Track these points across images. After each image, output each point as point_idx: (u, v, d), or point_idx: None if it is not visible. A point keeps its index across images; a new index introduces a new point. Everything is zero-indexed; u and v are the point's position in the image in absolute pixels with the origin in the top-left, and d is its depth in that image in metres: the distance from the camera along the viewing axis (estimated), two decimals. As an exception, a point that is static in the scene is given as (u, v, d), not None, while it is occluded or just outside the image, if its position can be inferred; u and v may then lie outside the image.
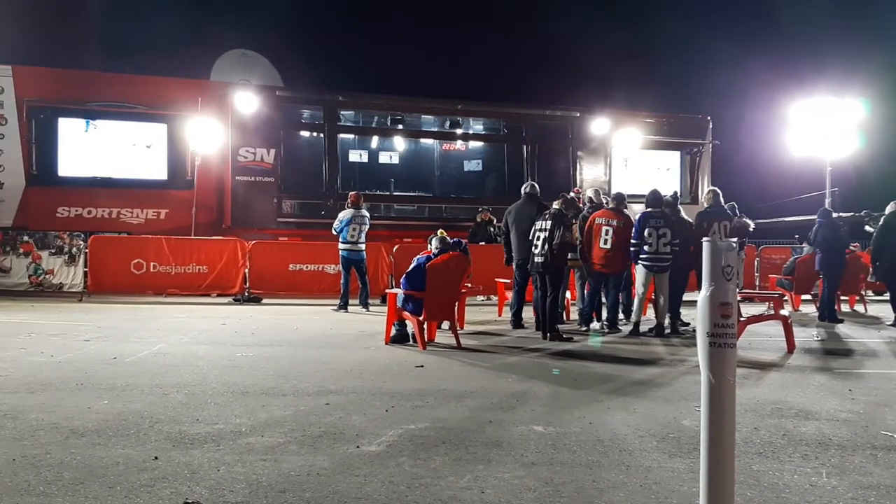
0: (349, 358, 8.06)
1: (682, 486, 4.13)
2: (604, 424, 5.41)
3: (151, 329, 9.97)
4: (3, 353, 7.82)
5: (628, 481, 4.21)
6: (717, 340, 3.07)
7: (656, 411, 5.87)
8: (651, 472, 4.36)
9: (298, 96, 18.53)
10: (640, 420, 5.56)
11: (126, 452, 4.46)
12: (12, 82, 15.79)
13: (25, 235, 14.04)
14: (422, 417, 5.46)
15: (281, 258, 14.53)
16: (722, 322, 3.06)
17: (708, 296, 3.07)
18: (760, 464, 4.56)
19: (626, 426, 5.37)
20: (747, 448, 4.84)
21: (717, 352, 3.07)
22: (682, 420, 5.56)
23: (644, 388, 6.86)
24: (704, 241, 3.10)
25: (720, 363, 3.07)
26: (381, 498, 3.83)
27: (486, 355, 8.48)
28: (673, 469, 4.43)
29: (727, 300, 3.07)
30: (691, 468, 4.37)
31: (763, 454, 4.76)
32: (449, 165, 20.21)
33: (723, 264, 3.07)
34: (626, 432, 5.21)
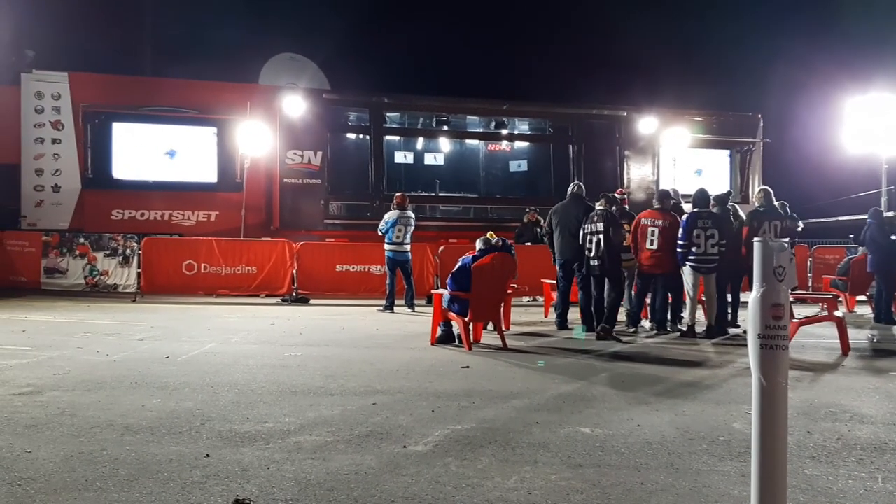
0: (395, 358, 8.11)
1: (732, 490, 4.06)
2: (652, 426, 5.35)
3: (202, 329, 10.16)
4: (60, 351, 8.05)
5: (677, 484, 4.16)
6: (768, 342, 3.01)
7: (706, 414, 5.78)
8: (701, 476, 4.30)
9: (345, 99, 18.69)
10: (689, 422, 5.48)
11: (179, 450, 4.55)
12: (69, 88, 16.24)
13: (81, 237, 14.42)
14: (468, 418, 5.47)
15: (328, 259, 14.68)
16: (773, 323, 3.01)
17: (759, 297, 3.02)
18: (814, 468, 4.47)
19: (674, 428, 5.31)
20: (800, 452, 4.74)
21: (769, 354, 3.02)
22: (733, 423, 5.47)
23: (693, 390, 6.77)
24: (755, 241, 3.05)
25: (772, 365, 3.02)
26: (428, 498, 3.85)
27: (532, 356, 8.45)
28: (723, 472, 4.36)
29: (779, 301, 3.02)
30: (742, 472, 4.30)
31: (816, 458, 4.66)
32: (494, 166, 20.18)
33: (774, 265, 3.01)
34: (675, 435, 5.14)
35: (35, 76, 16.21)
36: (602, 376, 7.33)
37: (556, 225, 10.84)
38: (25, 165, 16.04)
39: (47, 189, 16.11)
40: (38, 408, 5.51)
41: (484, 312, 9.00)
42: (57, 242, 14.22)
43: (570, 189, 11.16)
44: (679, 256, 10.16)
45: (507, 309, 10.32)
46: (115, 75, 17.52)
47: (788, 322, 3.07)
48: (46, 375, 6.71)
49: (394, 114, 19.12)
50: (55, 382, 6.42)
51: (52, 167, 16.15)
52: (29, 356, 7.69)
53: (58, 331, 9.73)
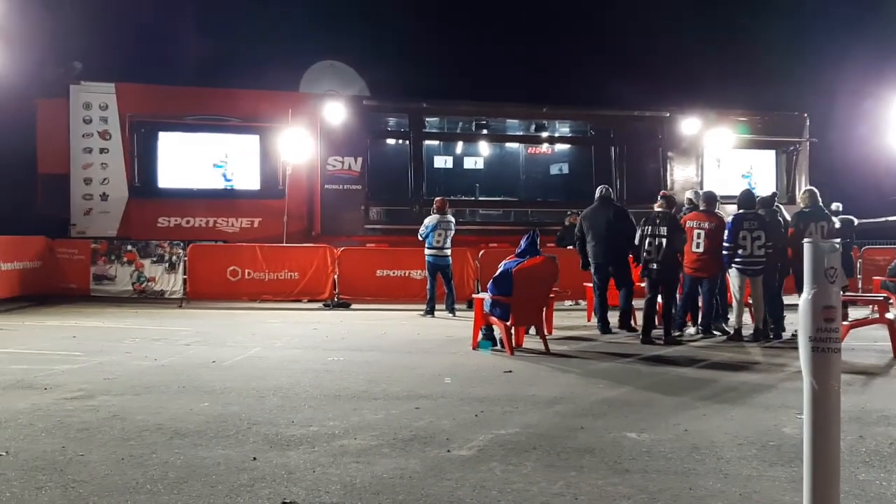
0: (437, 363, 8.12)
1: (783, 496, 3.99)
2: (700, 431, 5.28)
3: (247, 334, 10.29)
4: (110, 357, 8.22)
5: (727, 490, 4.10)
6: (820, 345, 2.96)
7: (755, 418, 5.69)
8: (751, 481, 4.24)
9: (384, 105, 18.79)
10: (738, 427, 5.40)
11: (226, 453, 4.62)
12: (115, 99, 16.59)
13: (129, 245, 14.70)
14: (512, 423, 5.45)
15: (368, 264, 14.76)
16: (825, 326, 2.95)
17: (810, 299, 2.97)
18: (866, 473, 4.37)
19: (723, 433, 5.23)
20: (852, 457, 4.64)
21: (821, 357, 2.96)
22: (783, 428, 5.37)
23: (742, 394, 6.66)
24: (806, 242, 3.00)
25: (824, 368, 2.96)
26: (473, 502, 3.85)
27: (576, 360, 8.40)
28: (774, 478, 4.29)
29: (830, 303, 2.96)
30: (793, 477, 4.22)
31: (869, 463, 4.55)
32: (535, 169, 20.08)
33: (825, 266, 2.96)
34: (724, 440, 5.07)
35: (83, 87, 16.57)
36: (647, 381, 7.25)
37: (588, 229, 10.80)
38: (74, 175, 16.40)
39: (95, 198, 16.46)
40: (89, 412, 5.63)
41: (526, 316, 8.96)
42: (105, 250, 14.51)
43: (598, 192, 11.09)
44: (725, 259, 10.01)
45: (550, 313, 10.27)
46: (160, 85, 17.84)
47: (840, 324, 3.01)
48: (97, 380, 6.86)
49: (433, 119, 19.16)
50: (105, 387, 6.56)
51: (100, 176, 16.50)
52: (79, 361, 7.86)
53: (107, 336, 9.93)
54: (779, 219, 10.54)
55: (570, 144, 20.34)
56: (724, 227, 10.13)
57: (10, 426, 5.19)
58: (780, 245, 10.12)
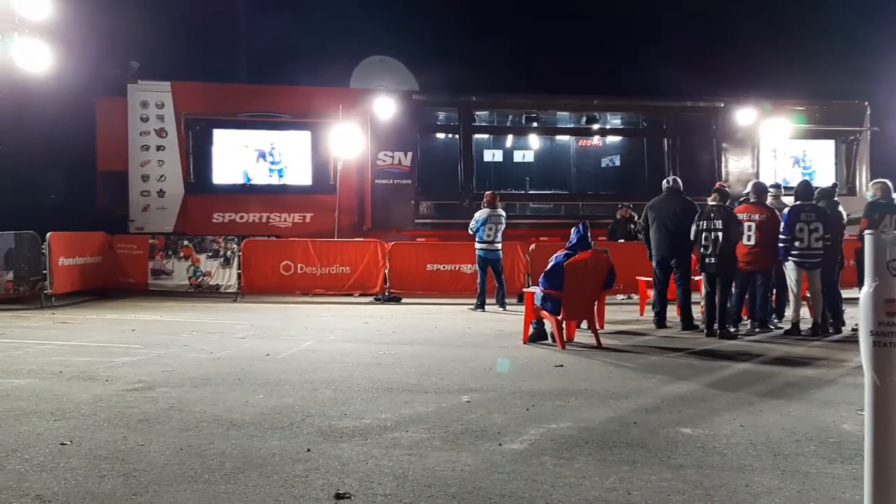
0: (488, 356, 8.12)
1: (843, 494, 3.90)
2: (756, 427, 5.18)
3: (300, 328, 10.44)
4: (168, 349, 8.42)
5: (784, 487, 4.02)
6: (882, 339, 2.88)
7: (813, 414, 5.56)
8: (809, 478, 4.15)
9: (434, 99, 18.81)
10: (795, 423, 5.29)
11: (281, 444, 4.70)
12: (171, 97, 16.95)
13: (185, 240, 15.02)
14: (564, 417, 5.43)
15: (419, 258, 14.81)
16: (887, 320, 2.87)
17: (871, 292, 2.89)
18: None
19: (780, 429, 5.12)
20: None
21: (883, 351, 2.88)
22: (843, 424, 5.24)
23: (799, 389, 6.51)
24: (866, 234, 2.91)
25: (886, 363, 2.88)
26: (526, 496, 3.84)
27: (629, 355, 8.31)
28: (833, 475, 4.19)
29: (892, 297, 2.87)
30: (853, 475, 4.12)
31: (936, 463, 4.41)
32: (586, 162, 19.89)
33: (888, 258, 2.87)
34: (781, 436, 4.97)
35: (140, 86, 16.96)
36: (702, 376, 7.14)
37: (653, 220, 10.60)
38: (132, 172, 16.80)
39: (153, 194, 16.84)
40: (148, 403, 5.79)
41: (577, 311, 8.90)
42: (162, 245, 14.85)
43: (665, 183, 10.89)
44: (781, 251, 9.78)
45: (602, 307, 10.17)
46: (214, 83, 18.16)
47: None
48: (155, 372, 7.04)
49: (483, 112, 19.11)
50: (164, 379, 6.73)
51: (157, 173, 16.88)
52: (139, 354, 8.08)
53: (165, 329, 10.18)
54: (839, 210, 10.26)
55: (621, 136, 20.10)
56: (777, 219, 9.89)
57: (74, 416, 5.36)
58: (838, 237, 9.85)
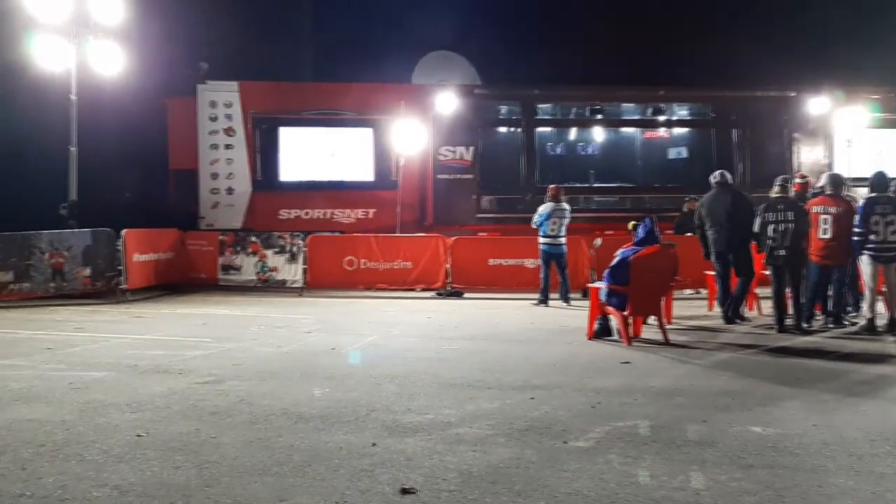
0: (552, 352, 8.06)
1: (924, 498, 3.75)
2: (829, 426, 5.02)
3: (364, 322, 10.54)
4: (238, 343, 8.61)
5: (859, 488, 3.89)
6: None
7: (889, 413, 5.38)
8: (885, 479, 4.00)
9: (496, 93, 18.77)
10: (870, 422, 5.11)
11: (347, 438, 4.75)
12: (239, 97, 17.32)
13: (253, 236, 15.32)
14: (630, 414, 5.35)
15: (481, 253, 14.78)
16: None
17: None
18: None
19: (854, 429, 4.96)
20: None
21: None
22: (923, 424, 5.05)
23: (875, 388, 6.29)
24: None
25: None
26: (592, 494, 3.80)
27: (697, 351, 8.15)
28: (912, 478, 4.04)
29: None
30: (935, 478, 3.96)
31: None
32: (652, 154, 19.52)
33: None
34: (855, 435, 4.81)
35: (209, 86, 17.38)
36: (772, 372, 6.96)
37: (707, 217, 10.39)
38: (202, 170, 17.24)
39: (222, 192, 17.25)
40: (219, 396, 5.93)
41: (644, 306, 8.74)
42: (231, 241, 15.16)
43: (714, 178, 10.64)
44: (855, 245, 9.44)
45: (669, 302, 10.00)
46: (279, 82, 18.49)
47: None
48: (226, 365, 7.20)
49: (545, 105, 18.98)
50: (234, 372, 6.88)
51: (225, 171, 17.27)
52: (210, 347, 8.28)
53: (234, 323, 10.41)
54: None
55: (689, 127, 19.69)
56: (854, 211, 9.55)
57: (149, 408, 5.53)
58: None
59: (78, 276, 13.03)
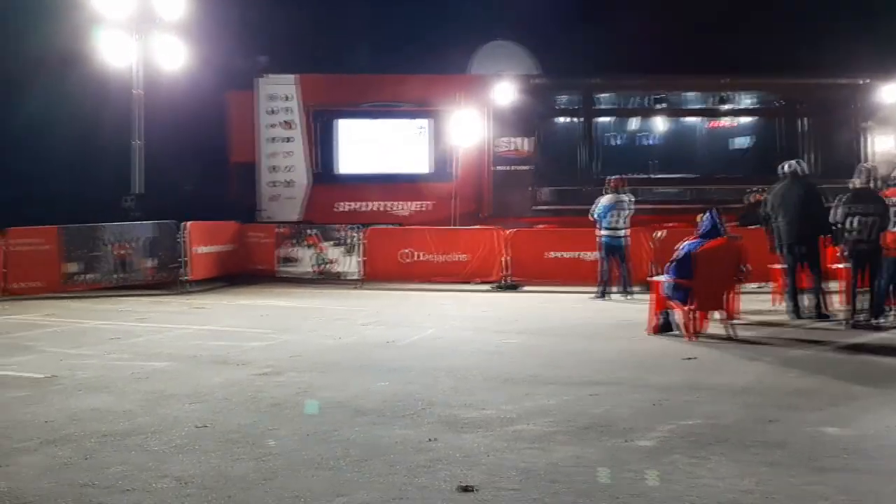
0: (612, 347, 7.89)
1: None
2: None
3: (421, 315, 10.51)
4: (296, 335, 8.67)
5: (945, 496, 3.67)
6: None
7: (975, 416, 5.08)
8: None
9: (554, 83, 18.50)
10: (954, 426, 4.84)
11: (404, 433, 4.70)
12: (297, 90, 17.45)
13: (310, 228, 15.44)
14: (695, 413, 5.18)
15: (538, 246, 14.59)
16: None
17: None
18: None
19: (937, 432, 4.70)
20: None
21: None
22: None
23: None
24: None
25: None
26: (657, 496, 3.67)
27: (764, 347, 7.87)
28: None
29: None
30: None
31: None
32: (715, 144, 19.04)
33: None
34: (938, 439, 4.56)
35: (268, 80, 17.55)
36: (846, 370, 6.67)
37: (778, 207, 10.01)
38: (261, 163, 17.45)
39: (280, 184, 17.42)
40: (277, 387, 5.95)
41: (709, 300, 8.48)
42: (289, 234, 15.31)
43: (786, 167, 10.24)
44: None
45: (734, 297, 9.70)
46: (337, 75, 18.55)
47: None
48: (284, 357, 7.24)
49: (605, 94, 18.66)
50: (292, 364, 6.91)
51: (284, 164, 17.44)
52: (268, 339, 8.34)
53: (292, 315, 10.49)
54: None
55: (754, 116, 19.13)
56: None
57: (210, 400, 5.57)
58: None
59: (142, 267, 13.31)
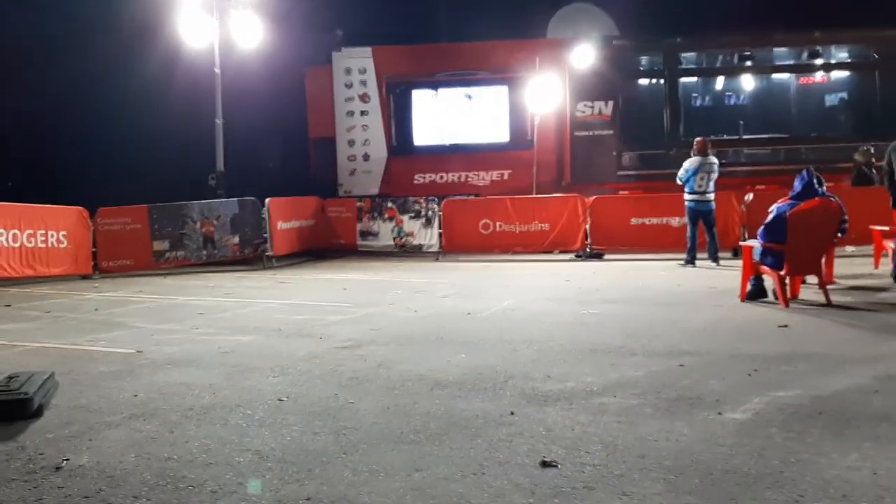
0: (701, 316, 7.59)
1: None
2: None
3: (500, 286, 10.39)
4: (375, 308, 8.67)
5: None
6: None
7: None
8: None
9: (635, 43, 17.93)
10: None
11: (484, 406, 4.59)
12: (373, 62, 17.43)
13: (389, 202, 15.49)
14: (791, 384, 4.89)
15: (622, 213, 14.24)
16: None
17: None
18: None
19: None
20: None
21: None
22: None
23: None
24: None
25: None
26: (752, 472, 3.44)
27: (865, 314, 7.43)
28: None
29: None
30: None
31: None
32: (808, 101, 18.11)
33: None
34: None
35: (344, 53, 17.62)
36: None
37: None
38: (339, 138, 17.58)
39: (358, 158, 17.54)
40: (357, 360, 5.93)
41: (803, 265, 8.06)
42: (369, 207, 15.40)
43: None
44: None
45: (831, 261, 9.20)
46: (411, 45, 18.44)
47: None
48: (364, 330, 7.24)
49: (689, 54, 17.97)
50: (371, 337, 6.89)
51: (361, 137, 17.54)
52: (349, 312, 8.38)
53: (373, 288, 10.53)
54: None
55: (848, 71, 18.08)
56: None
57: (291, 373, 5.60)
58: None
59: (227, 243, 13.63)
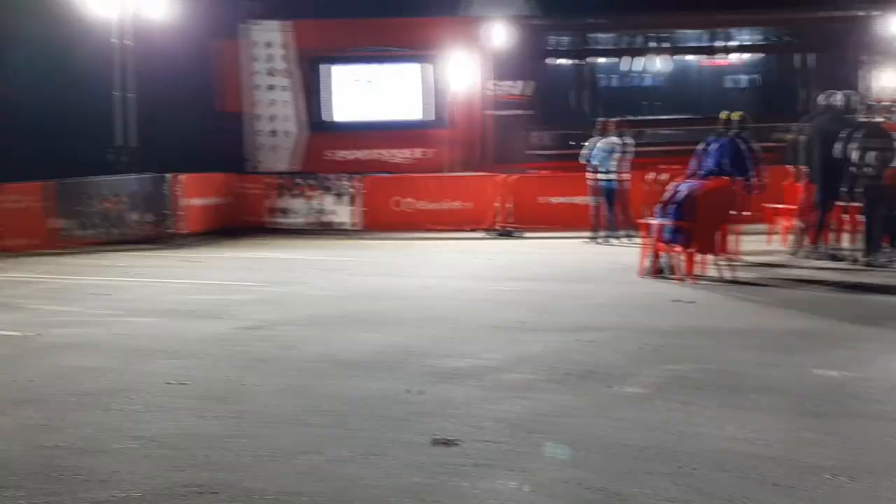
0: (605, 292, 7.75)
1: None
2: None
3: (417, 264, 10.38)
4: (288, 287, 8.53)
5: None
6: None
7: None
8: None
9: (550, 24, 18.05)
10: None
11: (393, 385, 4.59)
12: (285, 36, 17.03)
13: (307, 178, 15.20)
14: (688, 357, 5.06)
15: (535, 191, 14.39)
16: None
17: None
18: None
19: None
20: None
21: None
22: None
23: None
24: None
25: None
26: (649, 445, 3.54)
27: (765, 289, 7.73)
28: None
29: None
30: None
31: None
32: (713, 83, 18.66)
33: None
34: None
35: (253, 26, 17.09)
36: (848, 312, 6.52)
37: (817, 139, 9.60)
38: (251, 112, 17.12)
39: (274, 133, 17.14)
40: (264, 342, 5.83)
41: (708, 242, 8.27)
42: (286, 184, 15.08)
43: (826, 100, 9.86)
44: None
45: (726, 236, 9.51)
46: (326, 20, 18.04)
47: None
48: (273, 310, 7.11)
49: (602, 35, 18.24)
50: (281, 317, 6.78)
51: (275, 113, 17.12)
52: (259, 292, 8.22)
53: (287, 267, 10.36)
54: None
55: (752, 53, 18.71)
56: None
57: (194, 355, 5.46)
58: None
59: (134, 221, 13.12)
